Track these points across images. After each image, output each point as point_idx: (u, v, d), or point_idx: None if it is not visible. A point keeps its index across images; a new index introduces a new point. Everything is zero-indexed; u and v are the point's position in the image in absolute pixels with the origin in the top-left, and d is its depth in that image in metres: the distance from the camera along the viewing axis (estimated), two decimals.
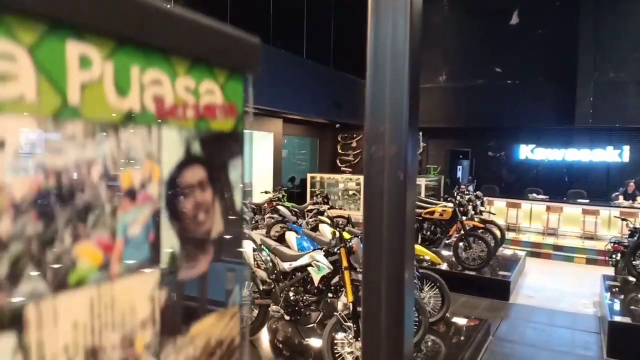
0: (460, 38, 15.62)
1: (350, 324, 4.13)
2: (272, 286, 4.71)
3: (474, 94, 15.15)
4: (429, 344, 5.19)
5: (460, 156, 16.09)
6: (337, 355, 4.17)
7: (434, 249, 8.77)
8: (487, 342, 5.84)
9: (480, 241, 8.24)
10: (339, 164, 17.48)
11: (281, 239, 5.98)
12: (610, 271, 8.46)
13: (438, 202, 9.59)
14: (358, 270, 4.36)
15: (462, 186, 10.74)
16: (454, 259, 8.36)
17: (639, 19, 13.39)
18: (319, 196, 10.79)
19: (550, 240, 11.75)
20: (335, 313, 4.20)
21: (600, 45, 13.66)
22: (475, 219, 9.16)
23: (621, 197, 12.40)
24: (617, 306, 6.39)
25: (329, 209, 10.41)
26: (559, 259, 10.97)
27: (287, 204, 10.44)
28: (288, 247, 5.62)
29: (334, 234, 4.38)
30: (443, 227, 8.60)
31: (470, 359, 5.04)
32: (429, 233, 8.64)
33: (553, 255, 11.09)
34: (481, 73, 15.15)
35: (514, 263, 8.88)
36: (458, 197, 8.74)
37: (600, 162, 13.95)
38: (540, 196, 13.02)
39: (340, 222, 6.54)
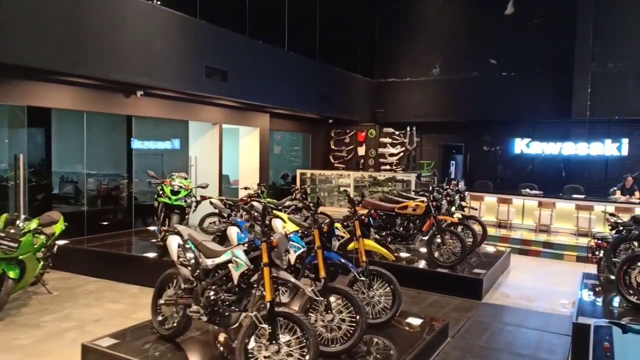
0: (454, 29, 15.15)
1: (265, 325, 3.81)
2: (195, 285, 4.41)
3: (468, 86, 14.69)
4: (373, 345, 4.84)
5: (454, 151, 15.61)
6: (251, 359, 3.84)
7: (408, 245, 8.42)
8: (444, 344, 5.47)
9: (456, 238, 7.85)
10: (332, 160, 17.15)
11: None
12: (595, 269, 8.01)
13: (416, 197, 9.21)
14: (280, 266, 4.04)
15: (453, 181, 10.33)
16: (427, 255, 7.98)
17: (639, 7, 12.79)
18: (297, 192, 10.44)
19: (541, 237, 11.26)
20: (249, 314, 3.88)
21: (598, 34, 13.10)
22: (458, 215, 8.77)
23: (618, 193, 11.86)
24: (587, 306, 5.96)
25: (307, 216, 10.07)
26: (548, 257, 10.50)
27: (263, 200, 10.13)
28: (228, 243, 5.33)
29: (252, 226, 4.06)
30: (417, 223, 8.23)
31: None
32: (402, 229, 8.26)
33: (542, 253, 10.62)
34: (475, 65, 14.67)
35: (494, 260, 8.45)
36: (434, 192, 8.36)
37: (598, 156, 13.37)
38: (533, 191, 12.51)
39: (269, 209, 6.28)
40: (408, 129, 15.44)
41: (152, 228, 9.61)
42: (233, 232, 5.48)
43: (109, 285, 7.28)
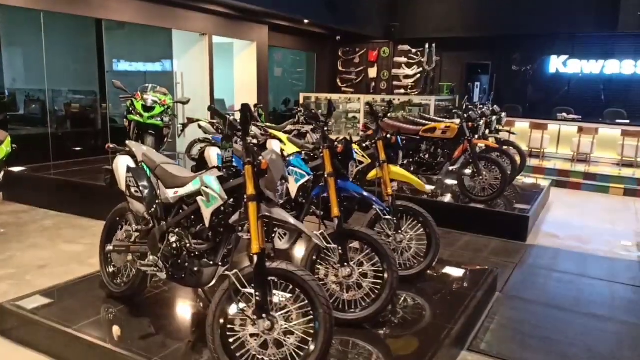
0: None
1: (251, 290, 2.46)
2: (151, 226, 3.04)
3: None
4: (407, 305, 3.55)
5: (479, 70, 13.85)
6: (232, 340, 2.54)
7: (435, 176, 7.03)
8: (492, 301, 4.18)
9: (493, 166, 6.43)
10: (340, 84, 15.45)
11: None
12: None
13: (444, 120, 7.71)
14: (274, 201, 2.63)
15: (480, 104, 8.77)
16: (458, 187, 6.61)
17: None
18: (301, 113, 8.91)
19: (580, 167, 9.84)
20: (228, 272, 2.52)
21: None
22: (490, 139, 7.35)
23: None
24: None
25: (312, 130, 8.64)
26: (591, 190, 9.12)
27: (261, 124, 8.66)
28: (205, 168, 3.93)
29: (228, 138, 2.62)
30: (447, 149, 6.78)
31: (464, 331, 3.39)
32: (427, 156, 6.82)
33: (583, 185, 9.23)
34: None
35: (535, 194, 7.08)
36: (469, 111, 6.83)
37: None
38: (571, 116, 10.95)
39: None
40: (426, 46, 13.61)
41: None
42: (213, 154, 4.07)
43: (70, 220, 5.97)
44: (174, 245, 2.86)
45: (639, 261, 5.40)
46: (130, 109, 6.18)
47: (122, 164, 3.26)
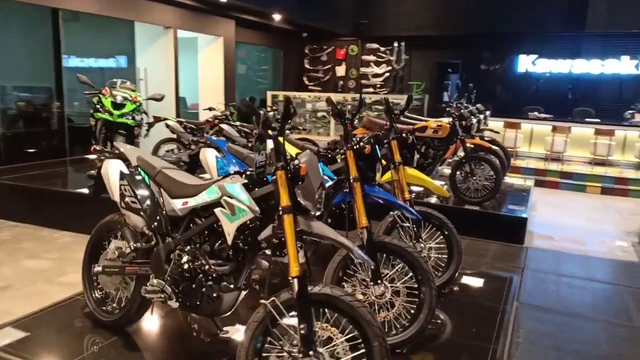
0: None
1: (291, 321, 2.04)
2: (154, 242, 2.55)
3: None
4: (437, 323, 3.20)
5: (450, 70, 13.77)
6: None
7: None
8: (513, 311, 3.89)
9: (484, 166, 6.20)
10: (307, 82, 15.03)
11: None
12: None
13: (426, 119, 7.46)
14: (312, 213, 2.21)
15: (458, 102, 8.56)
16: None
17: None
18: (275, 110, 8.42)
19: (554, 166, 9.86)
20: (263, 301, 2.08)
21: None
22: (477, 139, 7.14)
23: (638, 115, 10.49)
24: None
25: (288, 129, 8.19)
26: (569, 189, 9.13)
27: (234, 122, 8.14)
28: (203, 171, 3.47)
29: (260, 138, 2.17)
30: (437, 149, 6.50)
31: (503, 349, 3.07)
32: (418, 157, 6.52)
33: (561, 185, 9.23)
34: None
35: (524, 195, 6.93)
36: (460, 109, 6.58)
37: (612, 75, 11.89)
38: (542, 115, 11.00)
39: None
40: (395, 44, 13.42)
41: (92, 156, 7.52)
42: (210, 156, 3.59)
43: (30, 231, 5.30)
44: (185, 267, 2.38)
45: None
46: (98, 106, 5.55)
47: (113, 170, 2.74)
